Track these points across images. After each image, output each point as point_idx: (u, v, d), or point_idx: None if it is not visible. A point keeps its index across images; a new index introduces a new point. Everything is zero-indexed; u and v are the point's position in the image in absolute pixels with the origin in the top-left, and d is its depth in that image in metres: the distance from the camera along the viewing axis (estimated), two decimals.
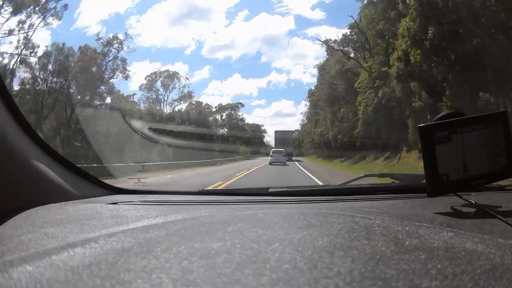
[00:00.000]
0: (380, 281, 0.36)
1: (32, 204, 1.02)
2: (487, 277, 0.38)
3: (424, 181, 0.90)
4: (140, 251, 0.44)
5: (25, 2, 22.92)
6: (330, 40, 32.61)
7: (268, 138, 54.58)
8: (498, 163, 0.94)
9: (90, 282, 0.36)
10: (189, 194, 1.46)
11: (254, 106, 69.09)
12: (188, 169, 18.06)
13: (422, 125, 0.88)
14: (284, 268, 0.39)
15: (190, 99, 43.41)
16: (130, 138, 23.84)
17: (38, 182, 1.09)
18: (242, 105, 54.16)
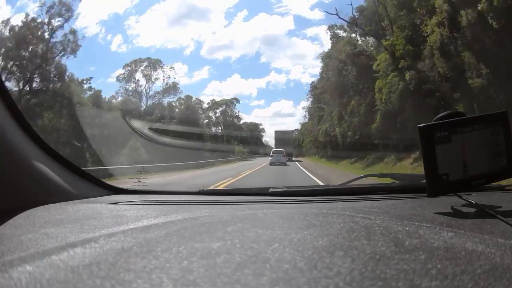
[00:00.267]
0: (380, 281, 0.36)
1: (32, 204, 1.02)
2: (487, 277, 0.38)
3: (424, 181, 0.90)
4: (140, 251, 0.44)
5: None
6: (335, 25, 29.32)
7: (267, 138, 53.22)
8: (498, 163, 0.94)
9: (90, 282, 0.36)
10: (189, 194, 1.46)
11: (254, 106, 69.30)
12: (160, 174, 14.78)
13: (422, 125, 0.88)
14: (284, 268, 0.39)
15: (175, 92, 39.60)
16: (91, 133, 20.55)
17: (38, 182, 1.09)
18: (238, 100, 51.51)
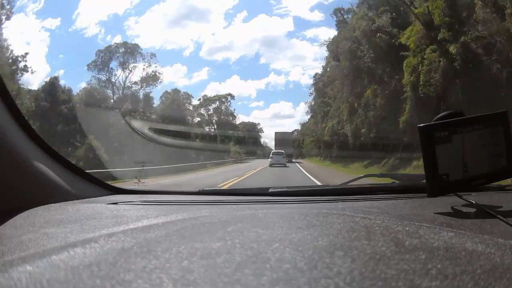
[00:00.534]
0: (380, 281, 0.36)
1: (32, 204, 1.02)
2: (487, 277, 0.38)
3: (424, 181, 0.90)
4: (140, 251, 0.44)
5: None
6: (342, 9, 26.43)
7: (266, 139, 51.44)
8: (498, 163, 0.94)
9: (90, 282, 0.36)
10: (189, 194, 1.46)
11: (253, 108, 68.87)
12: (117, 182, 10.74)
13: (422, 125, 0.88)
14: (284, 268, 0.39)
15: (155, 82, 34.13)
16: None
17: (38, 182, 1.09)
18: (233, 96, 46.95)
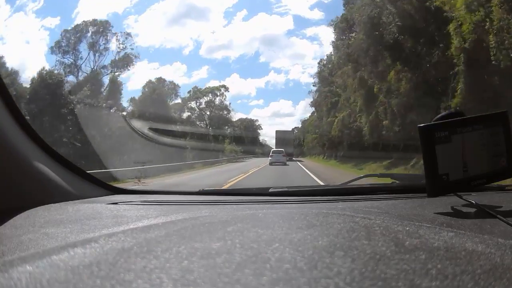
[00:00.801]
0: (380, 281, 0.36)
1: (32, 204, 1.02)
2: (487, 277, 0.38)
3: (424, 181, 0.90)
4: (140, 251, 0.44)
5: None
6: None
7: (265, 138, 50.31)
8: (498, 163, 0.94)
9: (90, 282, 0.36)
10: (189, 194, 1.46)
11: (253, 106, 68.86)
12: None
13: (422, 125, 0.88)
14: (284, 268, 0.39)
15: (128, 64, 29.62)
16: None
17: (38, 182, 1.09)
18: (227, 88, 42.31)
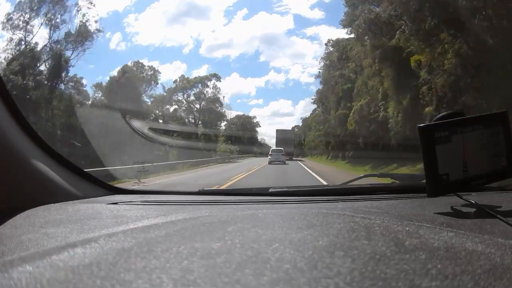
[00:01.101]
0: (380, 281, 0.36)
1: (32, 204, 1.02)
2: (487, 277, 0.38)
3: (424, 181, 0.90)
4: (140, 251, 0.44)
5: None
6: None
7: (265, 137, 49.37)
8: (498, 163, 0.94)
9: (90, 282, 0.36)
10: (189, 194, 1.46)
11: (252, 105, 69.15)
12: None
13: (422, 125, 0.88)
14: (284, 268, 0.39)
15: (85, 39, 23.11)
16: None
17: (38, 182, 1.09)
18: (218, 78, 36.88)
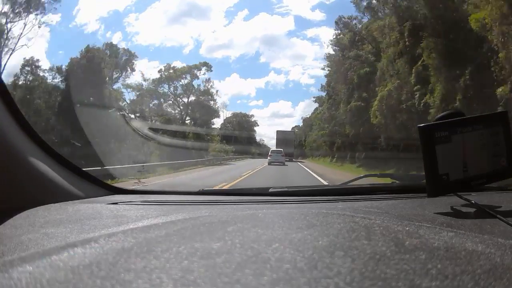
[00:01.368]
0: (380, 281, 0.36)
1: (32, 204, 1.02)
2: (487, 277, 0.38)
3: (424, 181, 0.90)
4: (140, 251, 0.44)
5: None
6: None
7: (264, 138, 49.87)
8: (498, 163, 0.94)
9: (90, 282, 0.36)
10: (189, 194, 1.46)
11: (252, 107, 69.31)
12: None
13: (422, 125, 0.88)
14: (284, 268, 0.39)
15: (37, 8, 18.27)
16: None
17: (38, 182, 1.09)
18: (209, 67, 32.53)
